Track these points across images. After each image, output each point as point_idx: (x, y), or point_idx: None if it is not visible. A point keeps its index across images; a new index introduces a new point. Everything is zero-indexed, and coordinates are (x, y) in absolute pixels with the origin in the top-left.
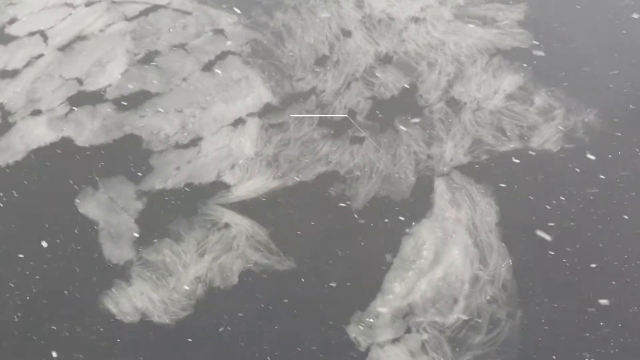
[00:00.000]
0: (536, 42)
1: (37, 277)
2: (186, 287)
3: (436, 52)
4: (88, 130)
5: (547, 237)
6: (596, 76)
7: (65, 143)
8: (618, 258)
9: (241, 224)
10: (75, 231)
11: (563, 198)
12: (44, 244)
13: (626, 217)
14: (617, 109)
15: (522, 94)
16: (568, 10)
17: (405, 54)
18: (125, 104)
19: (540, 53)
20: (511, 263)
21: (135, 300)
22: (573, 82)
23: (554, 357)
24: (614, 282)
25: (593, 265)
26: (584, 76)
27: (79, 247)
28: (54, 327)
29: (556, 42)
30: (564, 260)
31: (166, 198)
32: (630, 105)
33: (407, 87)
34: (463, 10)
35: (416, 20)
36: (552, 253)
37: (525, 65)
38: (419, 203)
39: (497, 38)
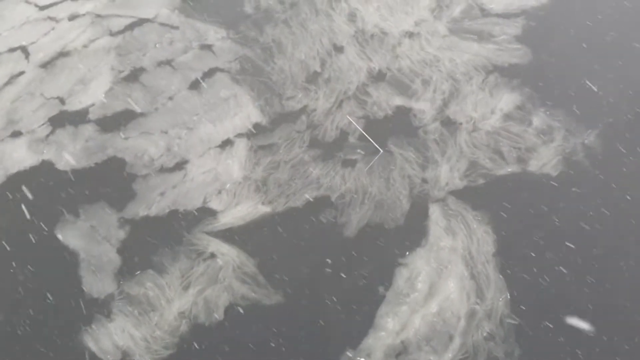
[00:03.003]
0: (534, 59)
1: (13, 310)
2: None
3: (431, 69)
4: (69, 153)
5: (548, 268)
6: (596, 95)
7: (46, 167)
8: (622, 286)
9: (228, 254)
10: (55, 262)
11: (563, 225)
12: (21, 275)
13: (630, 243)
14: (619, 129)
15: (520, 114)
16: (567, 24)
17: (399, 70)
18: (108, 124)
19: (539, 70)
20: (509, 296)
21: (116, 337)
22: (572, 101)
23: None
24: (617, 315)
25: (597, 296)
26: (583, 95)
27: (59, 279)
28: None
29: (555, 59)
30: (566, 292)
31: (150, 226)
32: (632, 124)
33: (401, 105)
34: (459, 25)
35: (410, 35)
36: (553, 284)
37: (523, 83)
38: (413, 231)
39: (494, 54)
